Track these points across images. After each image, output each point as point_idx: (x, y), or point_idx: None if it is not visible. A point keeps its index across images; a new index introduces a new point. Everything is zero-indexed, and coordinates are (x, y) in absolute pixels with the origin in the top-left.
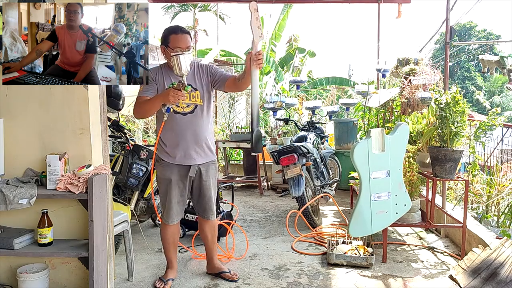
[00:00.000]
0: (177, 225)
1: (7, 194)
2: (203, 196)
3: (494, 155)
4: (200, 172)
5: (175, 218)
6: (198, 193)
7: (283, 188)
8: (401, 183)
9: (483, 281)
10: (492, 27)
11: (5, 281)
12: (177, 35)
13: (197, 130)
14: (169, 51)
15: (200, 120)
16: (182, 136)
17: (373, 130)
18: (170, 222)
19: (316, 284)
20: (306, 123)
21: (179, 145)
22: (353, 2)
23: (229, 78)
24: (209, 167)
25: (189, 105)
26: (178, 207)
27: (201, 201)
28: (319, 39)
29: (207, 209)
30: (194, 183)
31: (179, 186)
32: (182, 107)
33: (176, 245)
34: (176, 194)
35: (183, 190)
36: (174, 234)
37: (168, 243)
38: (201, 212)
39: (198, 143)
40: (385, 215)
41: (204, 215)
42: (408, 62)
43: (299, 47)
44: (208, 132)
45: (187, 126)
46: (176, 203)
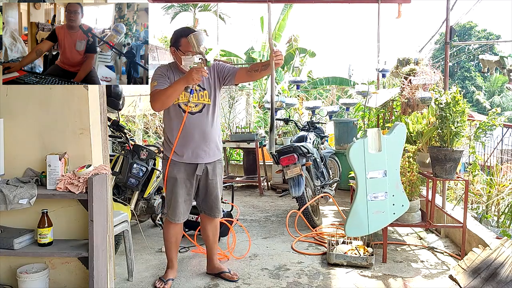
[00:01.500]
0: (181, 225)
1: (7, 194)
2: (210, 194)
3: (494, 155)
4: (207, 170)
5: (181, 217)
6: (205, 191)
7: (283, 188)
8: (398, 183)
9: (483, 281)
10: (492, 27)
11: (5, 281)
12: (187, 39)
13: (205, 129)
14: (179, 54)
15: (208, 119)
16: (190, 135)
17: (370, 130)
18: (176, 220)
19: (316, 284)
20: (306, 123)
21: (187, 144)
22: (353, 2)
23: (238, 71)
24: (216, 166)
25: (197, 105)
26: (184, 206)
27: (207, 199)
28: (319, 39)
29: (213, 207)
30: (201, 181)
31: (186, 185)
32: (190, 107)
33: (178, 245)
34: (183, 193)
35: (190, 189)
36: (177, 234)
37: (171, 242)
38: (207, 210)
39: (205, 142)
40: (382, 215)
41: (211, 213)
42: (408, 62)
43: (299, 47)
44: (215, 131)
45: (195, 125)
46: (183, 201)
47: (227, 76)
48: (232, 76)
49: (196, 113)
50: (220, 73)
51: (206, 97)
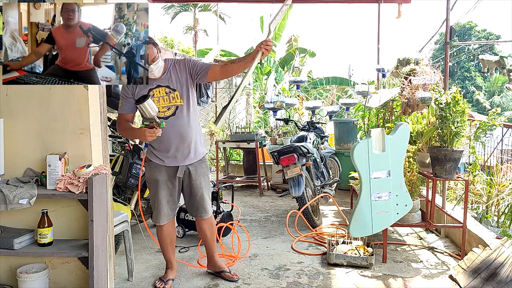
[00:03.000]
0: (171, 225)
1: (7, 194)
2: (194, 195)
3: (494, 155)
4: (189, 172)
5: (166, 218)
6: (189, 192)
7: (283, 188)
8: (402, 183)
9: (483, 281)
10: (492, 27)
11: (5, 281)
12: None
13: (182, 131)
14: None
15: (183, 120)
16: (168, 139)
17: (373, 130)
18: (161, 222)
19: (316, 284)
20: (306, 123)
21: (166, 148)
22: (353, 2)
23: (211, 67)
24: (198, 166)
25: (170, 108)
26: (168, 207)
27: (192, 201)
28: (319, 39)
29: (199, 208)
30: (184, 183)
31: (168, 186)
32: (162, 111)
33: (174, 244)
34: (165, 194)
35: (173, 190)
36: (169, 234)
37: (165, 243)
38: (193, 212)
39: (184, 144)
40: (385, 215)
41: (197, 214)
42: (408, 62)
43: (299, 47)
44: (193, 132)
45: (171, 129)
46: (166, 203)
47: (198, 72)
48: (204, 72)
49: (170, 117)
50: (191, 69)
51: (178, 98)
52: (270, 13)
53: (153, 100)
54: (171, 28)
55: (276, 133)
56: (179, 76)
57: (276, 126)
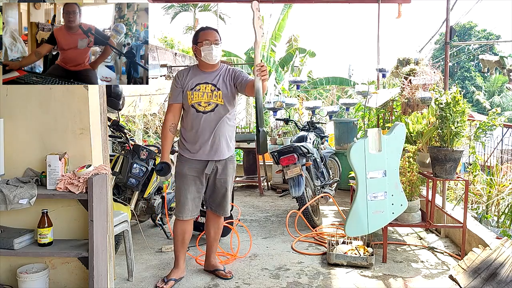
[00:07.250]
0: (189, 224)
1: (7, 194)
2: (218, 192)
3: (494, 155)
4: (217, 169)
5: (189, 214)
6: (213, 189)
7: (283, 188)
8: (397, 183)
9: (483, 281)
10: (492, 27)
11: (5, 281)
12: (205, 31)
13: (217, 128)
14: (199, 46)
15: (220, 118)
16: (202, 133)
17: (370, 130)
18: (183, 217)
19: (316, 284)
20: (306, 123)
21: (198, 141)
22: (353, 2)
23: (249, 82)
24: (226, 164)
25: (210, 104)
26: (193, 204)
27: (215, 197)
28: (319, 39)
29: (220, 205)
30: (210, 179)
31: (195, 182)
32: (203, 106)
33: (186, 245)
34: (193, 190)
35: (200, 187)
36: (184, 232)
37: (178, 240)
38: (214, 207)
39: (216, 141)
40: (381, 215)
41: (217, 209)
42: (408, 62)
43: (299, 47)
44: (227, 131)
45: (207, 124)
46: (192, 199)
47: (239, 83)
48: (243, 85)
49: (209, 112)
50: (235, 79)
51: (220, 97)
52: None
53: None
54: (171, 28)
55: (276, 133)
56: (227, 80)
57: (276, 126)
